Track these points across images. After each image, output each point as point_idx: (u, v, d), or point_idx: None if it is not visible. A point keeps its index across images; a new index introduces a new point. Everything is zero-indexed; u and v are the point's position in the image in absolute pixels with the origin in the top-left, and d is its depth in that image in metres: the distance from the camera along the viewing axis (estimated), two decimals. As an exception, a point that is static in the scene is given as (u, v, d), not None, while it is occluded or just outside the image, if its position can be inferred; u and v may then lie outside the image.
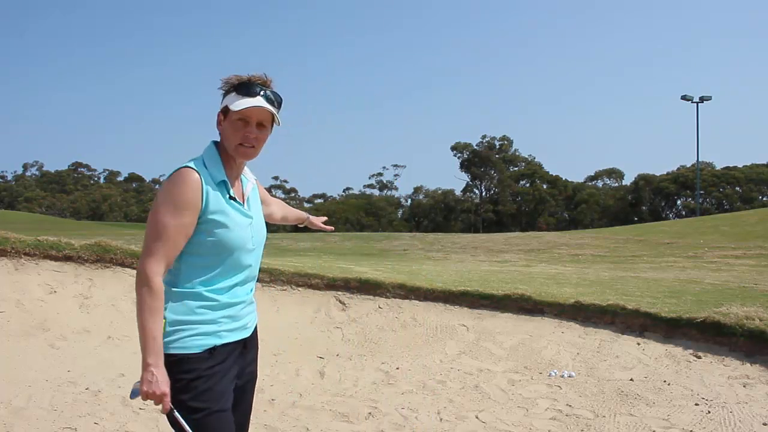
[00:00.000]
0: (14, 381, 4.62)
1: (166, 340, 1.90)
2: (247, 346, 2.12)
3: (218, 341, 1.97)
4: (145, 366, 1.84)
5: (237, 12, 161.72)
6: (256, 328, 2.20)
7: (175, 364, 1.90)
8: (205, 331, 1.95)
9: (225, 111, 2.00)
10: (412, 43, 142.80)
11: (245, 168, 2.13)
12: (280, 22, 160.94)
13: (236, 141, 1.99)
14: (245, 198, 2.09)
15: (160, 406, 1.89)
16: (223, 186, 1.99)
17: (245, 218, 2.03)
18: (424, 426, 3.96)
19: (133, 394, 1.91)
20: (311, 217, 2.77)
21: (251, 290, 2.12)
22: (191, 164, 1.94)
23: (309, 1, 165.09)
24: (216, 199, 1.95)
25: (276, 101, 2.03)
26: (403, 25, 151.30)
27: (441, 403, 4.41)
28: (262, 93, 1.98)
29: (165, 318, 1.91)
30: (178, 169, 1.93)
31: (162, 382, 1.84)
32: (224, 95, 2.02)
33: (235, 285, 2.03)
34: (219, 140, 2.06)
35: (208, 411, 1.92)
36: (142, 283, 1.86)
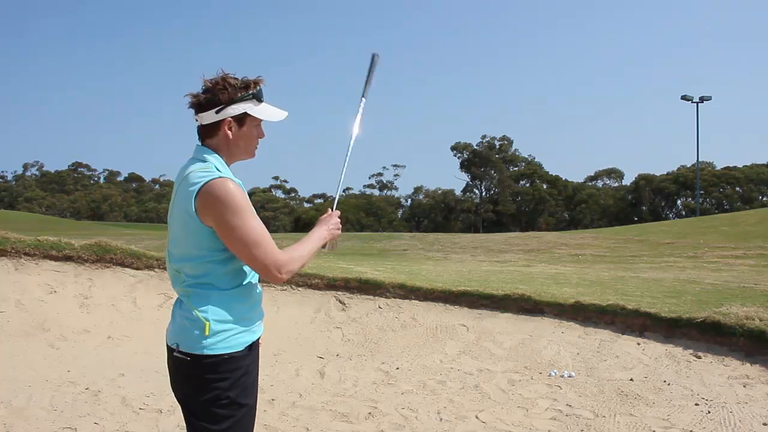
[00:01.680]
0: (14, 381, 4.62)
1: (211, 341, 1.93)
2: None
3: (253, 337, 2.05)
4: (320, 232, 2.11)
5: (236, 11, 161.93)
6: None
7: (222, 363, 1.94)
8: (244, 328, 2.01)
9: (242, 117, 2.03)
10: (412, 42, 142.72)
11: None
12: (279, 21, 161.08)
13: (255, 143, 2.10)
14: None
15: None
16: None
17: None
18: (424, 426, 3.96)
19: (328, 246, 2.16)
20: None
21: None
22: (223, 174, 1.94)
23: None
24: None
25: None
26: (402, 25, 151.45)
27: (441, 403, 4.41)
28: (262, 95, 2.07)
29: (208, 321, 1.94)
30: (216, 179, 1.91)
31: (332, 221, 2.14)
32: (235, 101, 2.00)
33: (256, 281, 2.10)
34: (204, 144, 2.05)
35: (250, 405, 2.02)
36: (288, 265, 1.96)
